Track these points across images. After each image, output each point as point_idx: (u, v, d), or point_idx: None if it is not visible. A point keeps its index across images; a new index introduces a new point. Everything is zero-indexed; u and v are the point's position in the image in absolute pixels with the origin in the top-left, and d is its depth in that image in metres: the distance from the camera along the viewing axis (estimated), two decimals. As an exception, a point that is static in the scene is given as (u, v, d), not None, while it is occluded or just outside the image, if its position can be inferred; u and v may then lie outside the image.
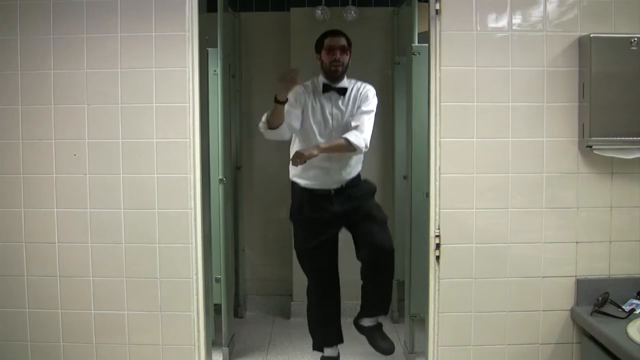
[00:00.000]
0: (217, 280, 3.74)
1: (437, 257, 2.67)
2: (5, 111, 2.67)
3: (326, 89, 3.32)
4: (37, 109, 2.67)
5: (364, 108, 3.25)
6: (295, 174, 3.41)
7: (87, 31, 2.64)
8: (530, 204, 2.68)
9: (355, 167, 3.39)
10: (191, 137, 2.65)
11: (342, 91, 3.31)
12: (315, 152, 3.16)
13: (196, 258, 2.68)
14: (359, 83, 3.37)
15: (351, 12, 4.40)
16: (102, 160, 2.67)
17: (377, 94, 4.38)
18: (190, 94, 2.64)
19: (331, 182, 3.33)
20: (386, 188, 4.61)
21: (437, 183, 2.66)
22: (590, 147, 2.61)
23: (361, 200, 3.39)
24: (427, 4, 2.67)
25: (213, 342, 3.11)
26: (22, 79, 2.66)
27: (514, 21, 2.64)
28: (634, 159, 2.62)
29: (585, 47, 2.60)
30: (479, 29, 2.63)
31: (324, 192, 3.34)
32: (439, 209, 2.67)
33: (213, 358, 3.16)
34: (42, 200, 2.69)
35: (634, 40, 2.56)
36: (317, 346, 3.60)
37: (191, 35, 2.63)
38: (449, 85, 2.64)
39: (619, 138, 2.60)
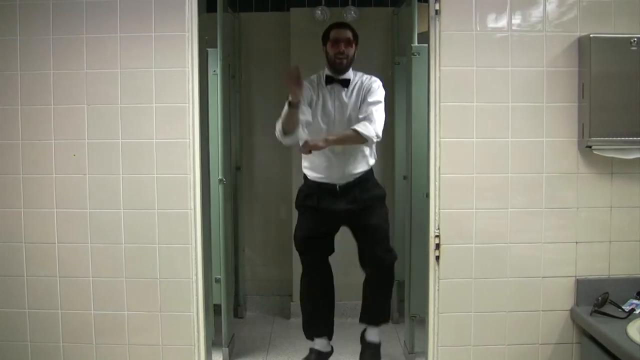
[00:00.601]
0: (217, 280, 3.73)
1: (437, 257, 2.68)
2: (5, 111, 2.68)
3: (329, 81, 3.31)
4: (37, 110, 2.67)
5: (370, 99, 3.20)
6: (305, 165, 3.40)
7: (86, 31, 2.64)
8: (530, 204, 2.68)
9: (360, 162, 3.32)
10: (191, 138, 2.65)
11: (346, 83, 3.29)
12: (321, 143, 3.10)
13: (196, 258, 2.69)
14: (364, 76, 3.33)
15: (351, 12, 4.40)
16: (101, 160, 2.67)
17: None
18: (190, 94, 2.64)
19: (337, 177, 3.30)
20: (386, 188, 4.59)
21: (437, 183, 2.66)
22: (590, 147, 2.61)
23: (368, 204, 3.35)
24: (426, 4, 2.68)
25: (213, 343, 3.11)
26: (22, 79, 2.66)
27: (513, 21, 2.64)
28: (633, 159, 2.62)
29: (585, 47, 2.60)
30: (478, 29, 2.63)
31: (330, 186, 3.31)
32: (439, 209, 2.67)
33: (213, 358, 3.16)
34: (42, 201, 2.69)
35: (634, 41, 2.56)
36: (308, 334, 3.54)
37: (191, 35, 2.63)
38: (449, 86, 2.64)
39: (618, 138, 2.60)
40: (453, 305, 2.70)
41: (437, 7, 2.62)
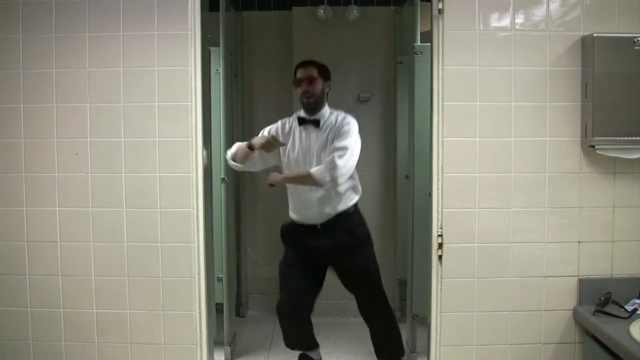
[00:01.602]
0: (219, 279, 3.74)
1: (440, 257, 2.67)
2: (7, 110, 2.67)
3: (302, 121, 3.28)
4: (39, 108, 2.67)
5: (336, 144, 3.13)
6: (290, 208, 3.39)
7: (89, 30, 2.64)
8: (533, 204, 2.67)
9: (338, 202, 3.26)
10: (193, 136, 2.65)
11: (317, 124, 3.25)
12: (278, 178, 3.17)
13: (198, 257, 2.68)
14: (340, 115, 3.26)
15: (353, 12, 4.40)
16: (104, 159, 2.67)
17: (380, 94, 4.37)
18: (193, 93, 2.64)
19: (315, 216, 3.27)
20: (388, 188, 4.62)
21: (440, 182, 2.66)
22: (593, 146, 2.61)
23: (352, 246, 3.31)
24: (429, 3, 2.67)
25: (215, 342, 3.11)
26: (24, 78, 2.66)
27: (516, 21, 2.64)
28: (636, 158, 2.62)
29: (588, 46, 2.60)
30: (481, 28, 2.63)
31: (310, 226, 3.30)
32: (442, 208, 2.66)
33: (215, 357, 3.16)
34: (44, 199, 2.69)
35: (637, 40, 2.55)
36: (290, 345, 3.52)
37: (193, 34, 2.62)
38: (452, 85, 2.63)
39: (621, 138, 2.59)
40: (455, 304, 2.69)
41: (440, 6, 2.61)
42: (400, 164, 4.36)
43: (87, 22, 2.64)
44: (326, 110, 3.28)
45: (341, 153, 3.10)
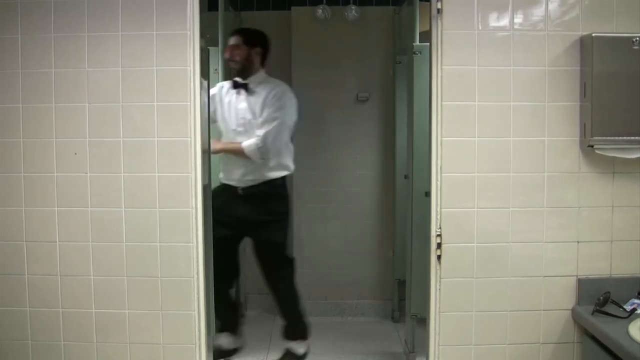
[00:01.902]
0: (218, 279, 3.73)
1: (438, 257, 2.67)
2: (6, 110, 2.67)
3: (235, 85, 3.41)
4: (38, 108, 2.66)
5: (266, 116, 3.25)
6: (221, 166, 3.51)
7: (88, 30, 2.64)
8: (532, 204, 2.67)
9: (260, 170, 3.35)
10: (192, 136, 2.64)
11: (245, 87, 3.38)
12: (216, 146, 3.31)
13: (197, 257, 2.68)
14: (275, 84, 3.37)
15: (352, 11, 4.41)
16: (103, 159, 2.67)
17: (379, 94, 4.37)
18: (191, 92, 2.64)
19: (236, 179, 3.36)
20: (387, 188, 4.62)
21: (438, 182, 2.66)
22: (592, 146, 2.61)
23: (268, 219, 3.39)
24: (428, 3, 2.67)
25: (214, 341, 3.11)
26: (23, 78, 2.65)
27: (515, 20, 2.64)
28: (635, 158, 2.62)
29: (587, 46, 2.60)
30: (480, 28, 2.63)
31: (232, 188, 3.39)
32: (440, 208, 2.66)
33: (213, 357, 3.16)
34: (43, 199, 2.68)
35: (636, 40, 2.55)
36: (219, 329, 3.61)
37: (192, 34, 2.62)
38: (451, 85, 2.63)
39: (620, 137, 2.59)
40: (454, 304, 2.69)
41: (439, 6, 2.61)
42: (399, 163, 4.36)
43: (86, 22, 2.64)
44: (259, 76, 3.40)
45: (271, 128, 3.24)
